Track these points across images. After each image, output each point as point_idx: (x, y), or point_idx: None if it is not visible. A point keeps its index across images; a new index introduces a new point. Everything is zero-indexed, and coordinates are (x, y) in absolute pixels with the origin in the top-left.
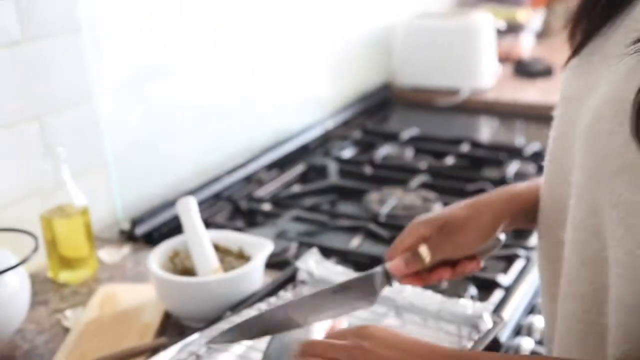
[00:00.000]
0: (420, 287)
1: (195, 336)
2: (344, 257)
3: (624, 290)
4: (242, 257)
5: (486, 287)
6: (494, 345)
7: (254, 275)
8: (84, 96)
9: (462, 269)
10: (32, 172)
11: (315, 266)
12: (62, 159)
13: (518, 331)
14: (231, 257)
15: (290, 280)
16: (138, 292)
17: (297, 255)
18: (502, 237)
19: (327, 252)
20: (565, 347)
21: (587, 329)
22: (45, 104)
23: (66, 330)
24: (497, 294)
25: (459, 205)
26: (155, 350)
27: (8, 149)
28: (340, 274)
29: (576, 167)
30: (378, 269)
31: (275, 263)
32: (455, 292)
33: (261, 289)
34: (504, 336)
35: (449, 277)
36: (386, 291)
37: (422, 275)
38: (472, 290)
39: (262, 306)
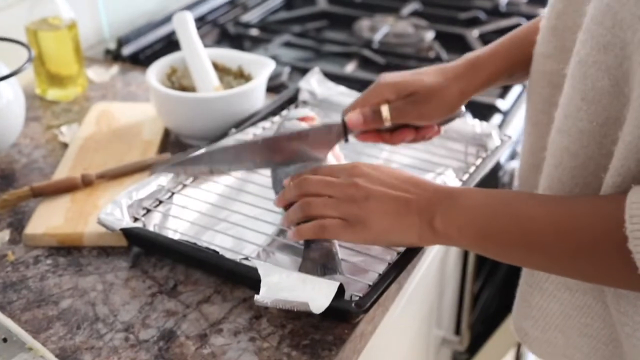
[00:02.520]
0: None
1: (201, 151)
2: (339, 83)
3: (629, 126)
4: (242, 76)
5: (485, 112)
6: (495, 167)
7: (257, 93)
8: None
9: (425, 133)
10: None
11: (317, 86)
12: None
13: (513, 156)
14: (230, 77)
15: (292, 100)
16: (134, 110)
17: (292, 80)
18: (463, 109)
19: None
20: (555, 180)
21: (584, 162)
22: None
23: (63, 146)
24: (496, 119)
25: (427, 72)
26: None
27: None
28: (344, 94)
29: (592, 2)
30: (336, 122)
31: (270, 87)
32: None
33: (263, 108)
34: (502, 158)
35: (411, 139)
36: None
37: (382, 134)
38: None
39: (266, 124)
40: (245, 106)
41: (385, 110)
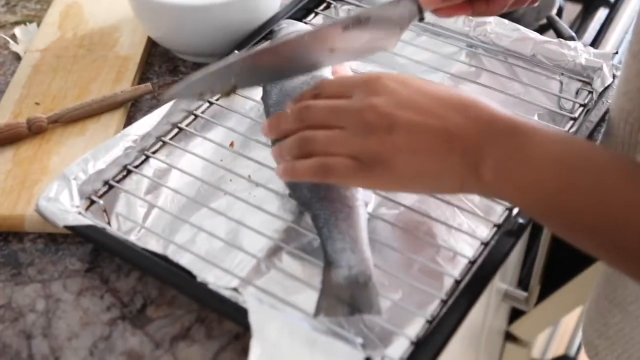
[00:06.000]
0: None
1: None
2: None
3: None
4: None
5: (586, 3)
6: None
7: None
8: None
9: None
10: None
11: None
12: None
13: None
14: None
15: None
16: (113, 2)
17: None
18: None
19: None
20: None
21: None
22: None
23: (16, 58)
24: (601, 14)
25: None
26: (137, 100)
27: None
28: None
29: None
30: None
31: None
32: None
33: (280, 12)
34: None
35: (511, 6)
36: (456, 24)
37: (473, 4)
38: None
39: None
40: (255, 13)
41: None
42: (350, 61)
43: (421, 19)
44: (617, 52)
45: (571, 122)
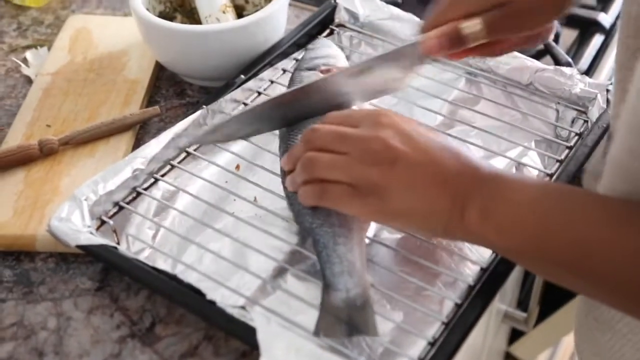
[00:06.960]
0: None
1: (199, 114)
2: None
3: None
4: None
5: (582, 29)
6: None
7: (276, 19)
8: None
9: (532, 39)
10: None
11: (361, 5)
12: None
13: None
14: None
15: (326, 24)
16: (119, 29)
17: None
18: None
19: None
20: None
21: None
22: None
23: (27, 81)
24: (597, 40)
25: None
26: (146, 122)
27: None
28: (397, 18)
29: None
30: (410, 43)
31: None
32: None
33: (284, 38)
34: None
35: (515, 47)
36: None
37: (478, 48)
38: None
39: (286, 65)
40: (261, 38)
41: (469, 27)
42: (364, 102)
43: (427, 62)
44: (611, 83)
45: (567, 150)
